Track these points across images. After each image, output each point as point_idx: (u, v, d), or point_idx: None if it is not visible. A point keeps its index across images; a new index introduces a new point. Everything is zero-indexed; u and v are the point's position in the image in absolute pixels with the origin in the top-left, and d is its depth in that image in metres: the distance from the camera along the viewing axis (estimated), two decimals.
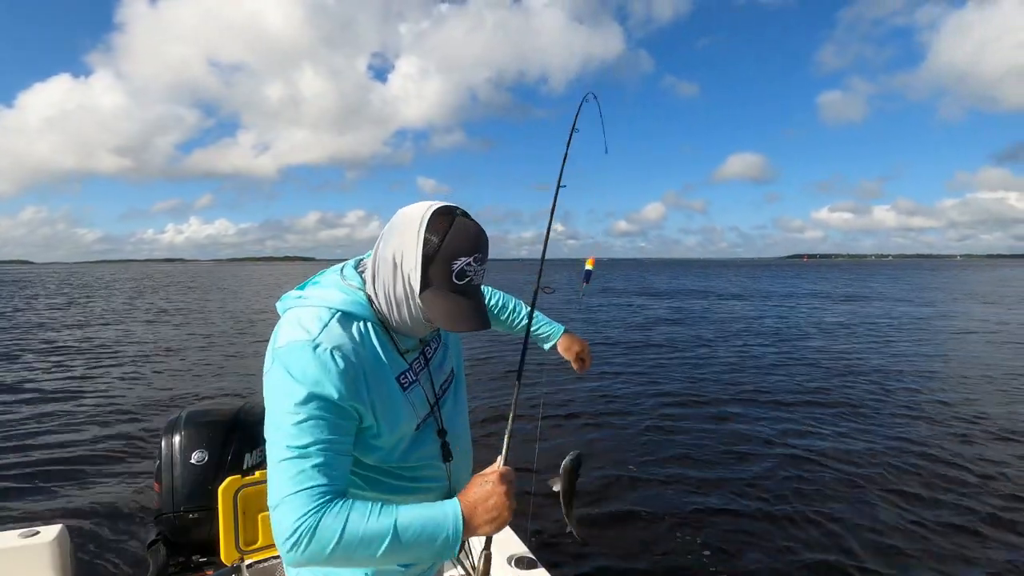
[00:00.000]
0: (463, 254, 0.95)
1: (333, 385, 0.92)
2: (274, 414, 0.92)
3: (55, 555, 2.08)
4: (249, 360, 11.21)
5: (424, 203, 1.00)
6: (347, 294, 1.02)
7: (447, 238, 0.94)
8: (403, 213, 1.00)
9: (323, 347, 0.93)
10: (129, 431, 6.49)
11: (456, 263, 0.95)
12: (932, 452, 5.60)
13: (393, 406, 1.02)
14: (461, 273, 0.96)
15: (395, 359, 1.05)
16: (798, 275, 61.13)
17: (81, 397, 8.19)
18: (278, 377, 0.93)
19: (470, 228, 0.97)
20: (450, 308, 0.97)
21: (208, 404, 2.56)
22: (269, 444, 0.93)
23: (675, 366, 10.31)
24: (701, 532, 4.05)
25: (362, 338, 1.00)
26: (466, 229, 0.97)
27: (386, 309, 1.01)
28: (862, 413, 7.09)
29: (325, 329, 0.95)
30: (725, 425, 6.65)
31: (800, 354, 11.41)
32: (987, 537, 3.98)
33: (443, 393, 1.17)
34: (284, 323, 0.99)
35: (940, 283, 42.17)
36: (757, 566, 3.65)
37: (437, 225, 0.95)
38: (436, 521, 0.91)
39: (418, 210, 0.98)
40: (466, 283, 0.98)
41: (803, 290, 34.06)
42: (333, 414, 0.92)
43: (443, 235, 0.94)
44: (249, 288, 41.86)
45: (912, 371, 9.68)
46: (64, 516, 4.00)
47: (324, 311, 0.98)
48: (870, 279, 50.51)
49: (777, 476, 5.04)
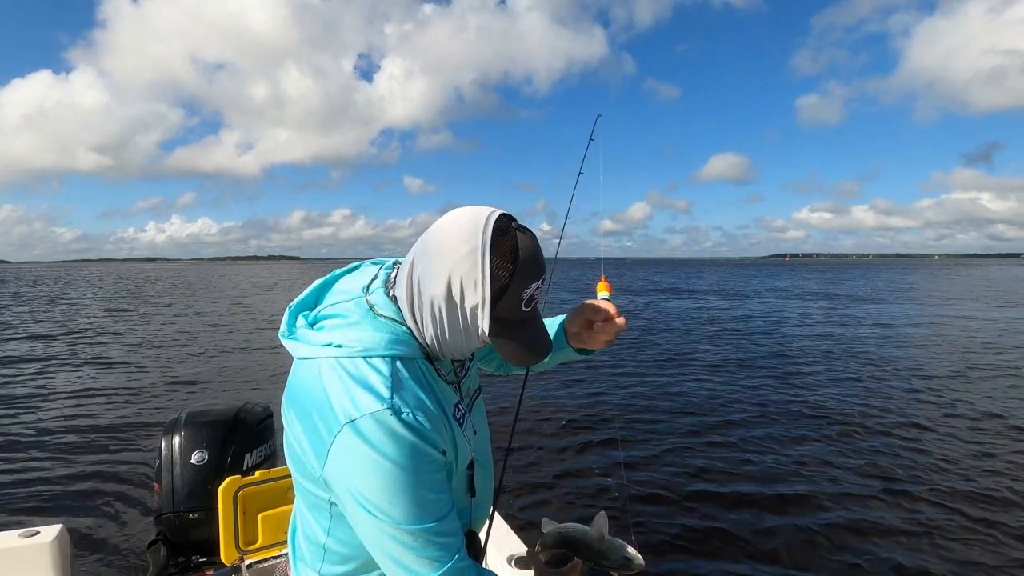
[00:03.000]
0: (533, 279, 0.83)
1: (432, 445, 0.81)
2: (376, 498, 0.79)
3: (55, 555, 2.07)
4: (249, 360, 11.15)
5: (472, 215, 0.83)
6: (389, 332, 0.85)
7: (518, 268, 0.81)
8: (446, 239, 0.82)
9: (406, 414, 0.79)
10: (129, 431, 6.46)
11: (527, 292, 0.83)
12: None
13: (456, 445, 0.91)
14: (530, 299, 0.84)
15: (446, 392, 0.93)
16: (811, 275, 59.80)
17: (81, 397, 8.12)
18: (367, 461, 0.78)
19: (533, 246, 0.83)
20: (520, 344, 0.87)
21: (208, 404, 2.55)
22: (375, 529, 0.81)
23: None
24: (703, 536, 4.03)
25: (422, 384, 0.87)
26: (532, 249, 0.83)
27: (431, 339, 0.87)
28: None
29: (394, 388, 0.81)
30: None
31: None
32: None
33: (466, 411, 1.03)
34: (332, 382, 0.81)
35: (950, 286, 39.67)
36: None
37: (502, 250, 0.80)
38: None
39: (472, 229, 0.81)
40: (533, 307, 0.87)
41: (840, 292, 32.08)
42: (438, 473, 0.84)
43: (512, 263, 0.80)
44: (241, 286, 41.35)
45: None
46: (64, 516, 3.96)
47: (380, 362, 0.82)
48: (879, 279, 49.17)
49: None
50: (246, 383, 9.07)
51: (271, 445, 2.55)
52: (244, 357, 11.52)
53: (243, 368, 10.36)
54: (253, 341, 13.78)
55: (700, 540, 3.97)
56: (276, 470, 2.12)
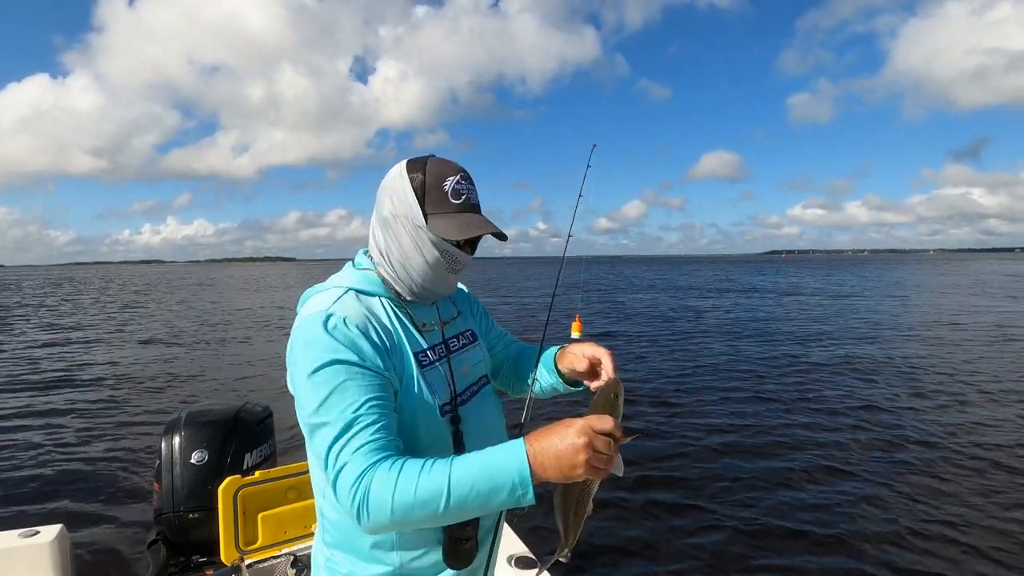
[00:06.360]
0: (449, 174, 1.02)
1: (352, 350, 0.90)
2: (303, 393, 0.89)
3: (55, 555, 2.08)
4: (249, 360, 11.14)
5: (396, 164, 1.06)
6: (359, 275, 1.05)
7: (427, 169, 1.02)
8: (383, 180, 1.06)
9: (336, 316, 0.92)
10: (129, 431, 6.47)
11: (447, 183, 1.01)
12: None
13: (409, 380, 0.98)
14: (455, 192, 1.01)
15: (412, 335, 1.03)
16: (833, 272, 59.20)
17: (80, 397, 8.13)
18: (298, 354, 0.91)
19: (446, 160, 1.05)
20: (460, 221, 1.01)
21: (208, 404, 2.55)
22: (307, 428, 0.90)
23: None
24: (706, 536, 4.00)
25: (376, 313, 1.00)
26: (443, 161, 1.04)
27: (402, 271, 1.04)
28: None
29: (337, 302, 0.96)
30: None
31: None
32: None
33: (472, 395, 1.11)
34: (302, 310, 0.99)
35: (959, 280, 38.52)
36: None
37: (415, 168, 1.02)
38: (496, 470, 0.80)
39: (395, 168, 1.05)
40: (464, 201, 1.02)
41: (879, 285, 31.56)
42: (361, 376, 0.89)
43: (423, 169, 1.02)
44: (240, 287, 41.30)
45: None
46: (64, 516, 3.96)
47: (336, 290, 1.00)
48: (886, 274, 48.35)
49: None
50: (246, 383, 9.06)
51: (271, 445, 2.56)
52: (244, 357, 11.51)
53: (243, 368, 10.35)
54: (253, 341, 13.77)
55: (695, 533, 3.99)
56: (276, 470, 2.12)
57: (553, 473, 0.80)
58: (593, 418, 0.82)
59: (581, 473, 0.79)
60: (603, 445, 0.80)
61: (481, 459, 0.82)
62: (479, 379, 1.16)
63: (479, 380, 1.16)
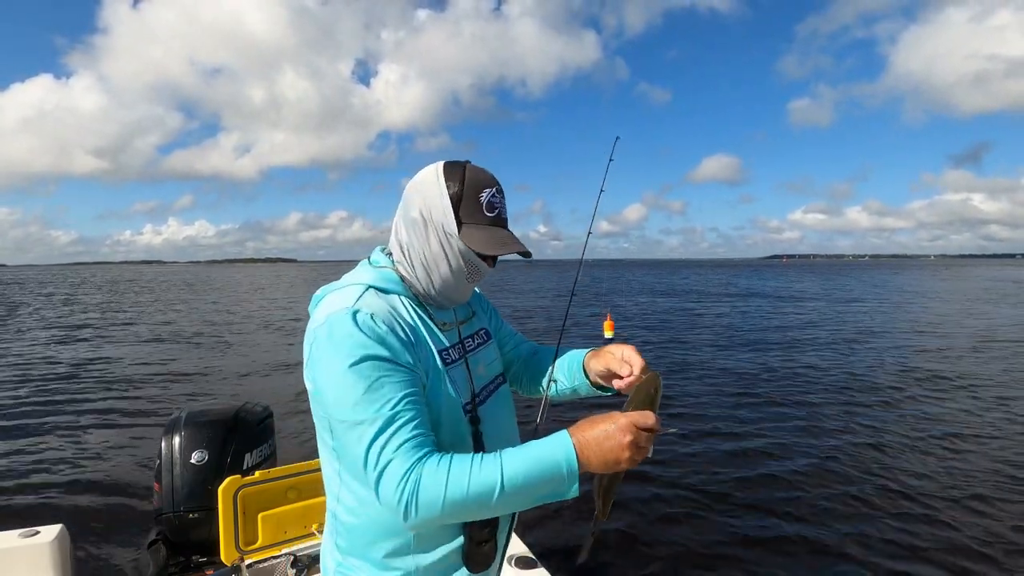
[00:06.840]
0: (486, 186, 1.00)
1: (383, 345, 0.88)
2: (333, 391, 0.87)
3: (55, 555, 2.08)
4: (249, 360, 11.14)
5: (432, 165, 1.04)
6: (377, 273, 1.02)
7: (466, 178, 0.99)
8: (415, 179, 1.03)
9: (363, 312, 0.89)
10: (129, 430, 6.46)
11: (483, 195, 0.99)
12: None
13: (435, 378, 0.97)
14: (490, 205, 1.00)
15: (434, 333, 1.02)
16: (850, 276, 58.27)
17: (81, 396, 8.12)
18: (325, 352, 0.88)
19: (482, 169, 1.03)
20: (492, 235, 0.99)
21: (208, 404, 2.56)
22: (337, 426, 0.87)
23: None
24: (707, 537, 3.99)
25: (398, 310, 0.98)
26: (480, 169, 1.02)
27: (423, 274, 1.02)
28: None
29: (361, 298, 0.93)
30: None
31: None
32: None
33: (488, 395, 1.11)
34: (320, 307, 0.96)
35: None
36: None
37: (453, 174, 1.00)
38: (547, 464, 0.82)
39: (430, 168, 1.02)
40: (497, 215, 1.01)
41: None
42: (395, 372, 0.87)
43: (461, 177, 0.99)
44: (238, 288, 41.32)
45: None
46: (64, 516, 3.96)
47: (357, 287, 0.97)
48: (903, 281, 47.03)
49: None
50: (246, 383, 9.06)
51: (271, 445, 2.55)
52: (244, 358, 11.52)
53: (243, 368, 10.35)
54: (253, 342, 13.78)
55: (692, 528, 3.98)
56: (276, 470, 2.12)
57: (597, 466, 0.84)
58: (636, 415, 0.86)
59: (624, 467, 0.85)
60: (645, 440, 0.85)
61: (531, 452, 0.84)
62: (495, 378, 1.16)
63: (495, 379, 1.16)
